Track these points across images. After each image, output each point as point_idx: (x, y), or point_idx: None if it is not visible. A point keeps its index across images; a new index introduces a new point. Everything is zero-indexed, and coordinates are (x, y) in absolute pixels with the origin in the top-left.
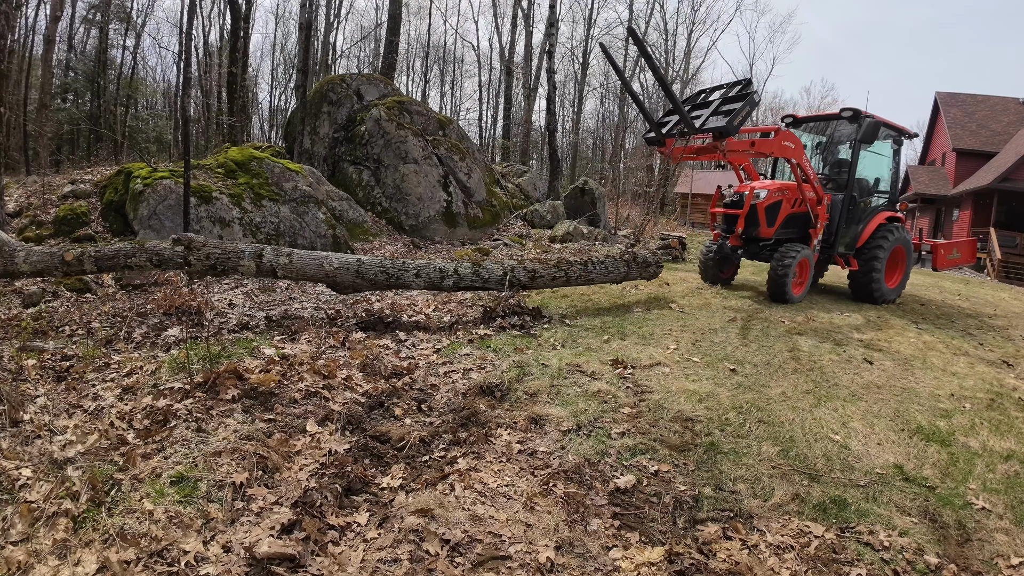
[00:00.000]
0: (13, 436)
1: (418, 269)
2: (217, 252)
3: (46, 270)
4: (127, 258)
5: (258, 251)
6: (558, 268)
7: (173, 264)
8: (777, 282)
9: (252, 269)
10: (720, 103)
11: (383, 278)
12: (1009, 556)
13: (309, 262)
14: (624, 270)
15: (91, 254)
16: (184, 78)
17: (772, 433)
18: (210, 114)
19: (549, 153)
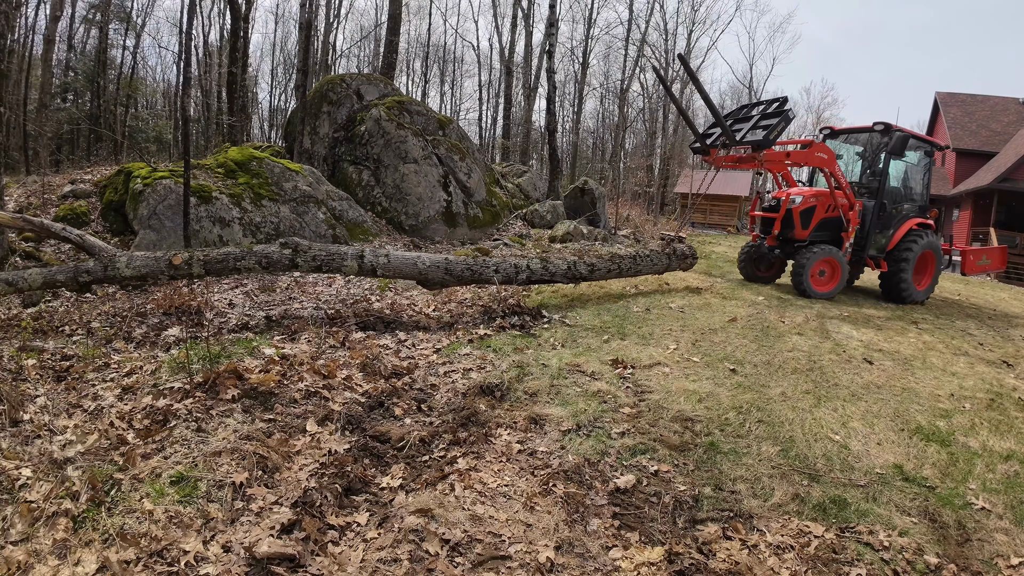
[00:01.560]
0: (13, 436)
1: (496, 265)
2: (322, 254)
3: (150, 275)
4: (236, 261)
5: (359, 252)
6: (611, 262)
7: (281, 266)
8: (796, 277)
9: (354, 269)
10: (759, 118)
11: (468, 274)
12: (1009, 556)
13: (404, 261)
14: (666, 262)
15: (200, 257)
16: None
17: (772, 433)
18: (210, 114)
19: (549, 153)
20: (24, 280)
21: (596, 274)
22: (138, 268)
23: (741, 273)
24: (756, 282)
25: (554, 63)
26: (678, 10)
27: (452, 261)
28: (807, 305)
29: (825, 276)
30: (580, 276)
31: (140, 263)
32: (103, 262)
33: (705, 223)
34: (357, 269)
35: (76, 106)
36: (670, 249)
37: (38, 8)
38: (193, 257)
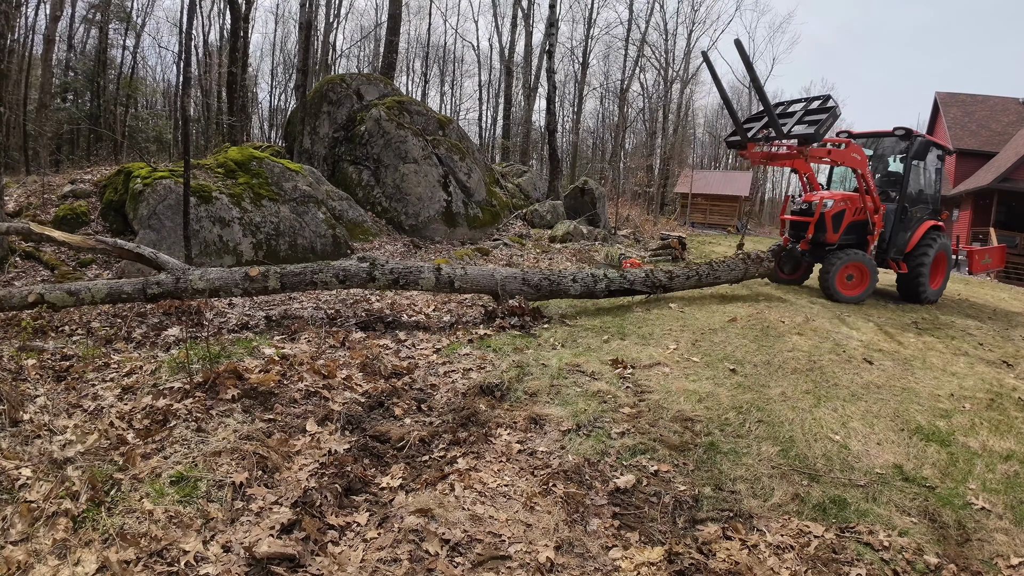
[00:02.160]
0: (13, 436)
1: (574, 276)
2: (400, 268)
3: (223, 288)
4: (313, 275)
5: (436, 267)
6: (689, 269)
7: (358, 280)
8: (824, 281)
9: (432, 283)
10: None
11: (546, 284)
12: (1009, 556)
13: (481, 273)
14: (743, 267)
15: (277, 271)
16: (184, 78)
17: (772, 433)
18: (210, 114)
19: (549, 153)
20: (88, 292)
21: (675, 282)
22: (212, 282)
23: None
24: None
25: (554, 63)
26: (678, 10)
27: (528, 272)
28: (807, 305)
29: (853, 280)
30: (659, 285)
31: (215, 276)
32: (175, 275)
33: (705, 223)
34: (435, 283)
35: (76, 106)
36: (744, 254)
37: (38, 8)
38: (270, 271)
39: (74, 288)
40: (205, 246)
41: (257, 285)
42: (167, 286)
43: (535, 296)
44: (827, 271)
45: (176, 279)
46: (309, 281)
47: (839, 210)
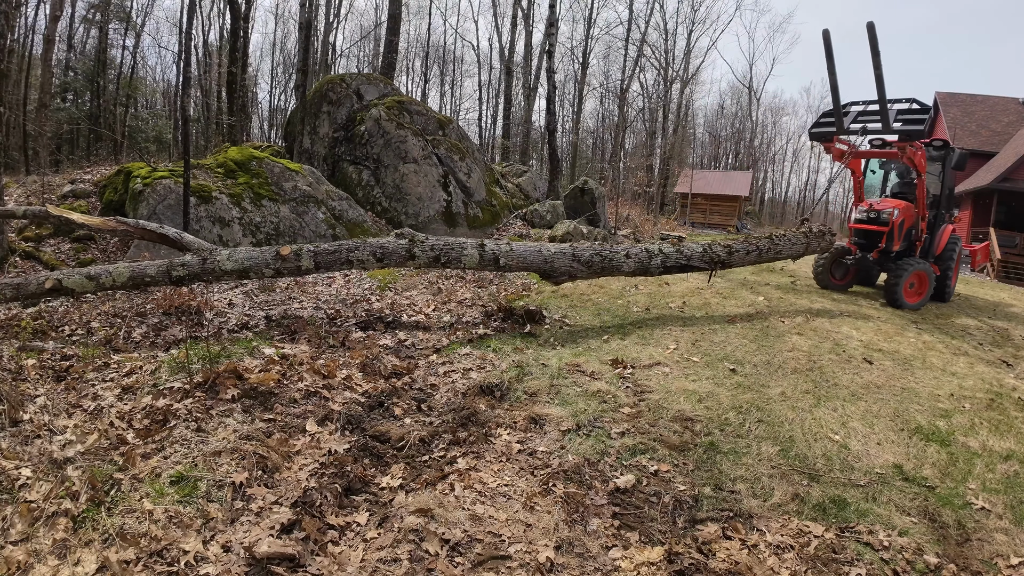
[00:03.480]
0: (13, 436)
1: (627, 252)
2: (441, 244)
3: (253, 268)
4: (349, 252)
5: (480, 242)
6: (748, 243)
7: (396, 258)
8: (891, 290)
9: (475, 259)
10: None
11: (598, 260)
12: (1009, 556)
13: (528, 250)
14: (804, 242)
15: (310, 249)
16: (184, 78)
17: (772, 433)
18: (210, 114)
19: (549, 153)
20: (109, 275)
21: (735, 256)
22: (241, 262)
23: (817, 281)
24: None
25: (554, 63)
26: (678, 10)
27: (579, 248)
28: (807, 305)
29: (914, 288)
30: (718, 260)
31: (243, 256)
32: (201, 255)
33: (705, 223)
34: (478, 260)
35: (76, 106)
36: (806, 228)
37: (38, 8)
38: (303, 250)
39: (94, 272)
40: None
41: (289, 265)
42: (193, 267)
43: (586, 274)
44: (897, 280)
45: (203, 260)
46: (344, 259)
47: (903, 218)
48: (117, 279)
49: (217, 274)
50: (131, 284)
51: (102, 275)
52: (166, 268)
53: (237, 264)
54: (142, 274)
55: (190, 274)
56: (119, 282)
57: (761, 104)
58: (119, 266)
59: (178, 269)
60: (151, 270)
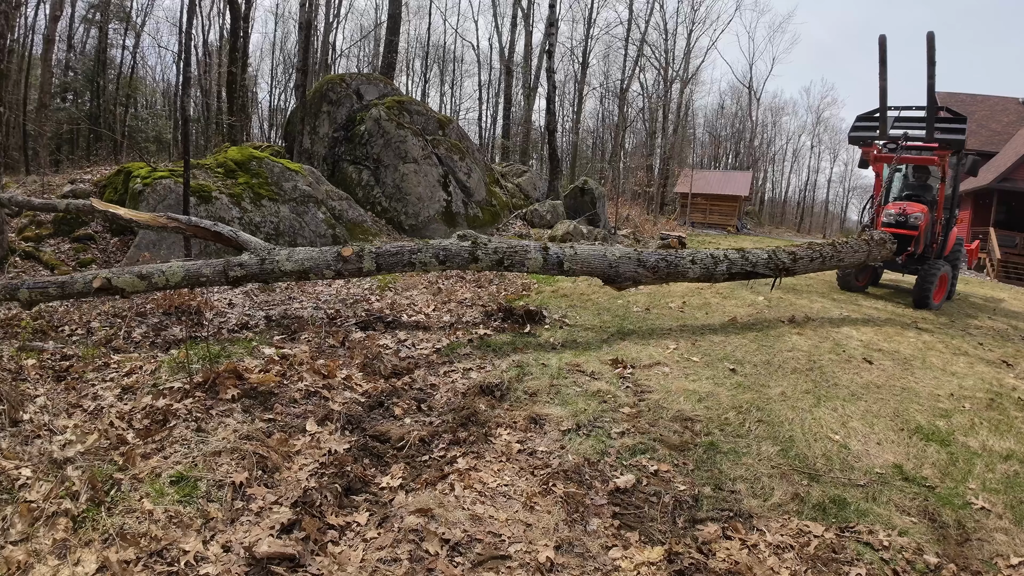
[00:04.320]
0: (13, 436)
1: (693, 257)
2: (504, 247)
3: (313, 269)
4: (411, 255)
5: (543, 246)
6: (812, 250)
7: (459, 261)
8: (922, 291)
9: (539, 263)
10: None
11: (663, 266)
12: (1008, 556)
13: (592, 253)
14: (866, 249)
15: (372, 251)
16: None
17: (772, 433)
18: (210, 114)
19: (549, 153)
20: (162, 274)
21: (799, 264)
22: (300, 262)
23: (841, 284)
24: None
25: (554, 63)
26: (678, 10)
27: (644, 253)
28: (807, 305)
29: (937, 289)
30: (783, 267)
31: (303, 256)
32: (259, 255)
33: (705, 223)
34: (542, 263)
35: (76, 106)
36: (867, 236)
37: (38, 8)
38: (364, 250)
39: (146, 271)
40: (205, 246)
41: (351, 267)
42: (251, 267)
43: (651, 279)
44: (928, 281)
45: (261, 260)
46: (407, 262)
47: (928, 221)
48: (171, 279)
49: (276, 275)
50: (185, 284)
51: (154, 274)
52: (223, 268)
53: (297, 265)
54: (197, 274)
55: (248, 274)
56: (172, 282)
57: (761, 104)
58: (173, 265)
59: (235, 269)
60: (207, 270)
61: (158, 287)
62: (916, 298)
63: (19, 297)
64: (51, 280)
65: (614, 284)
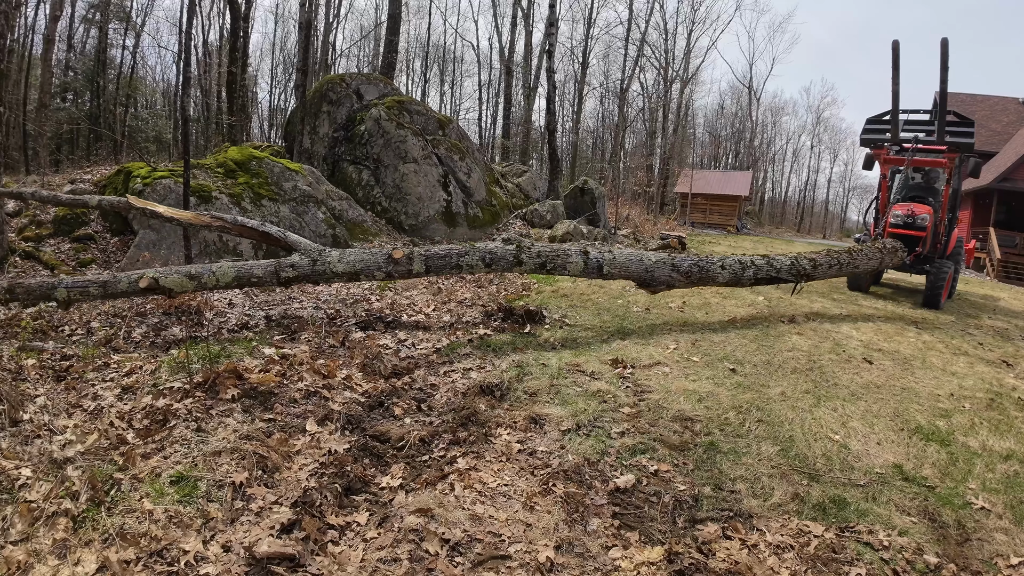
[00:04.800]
0: (13, 436)
1: (722, 263)
2: (547, 251)
3: (364, 271)
4: (459, 258)
5: (583, 249)
6: (831, 257)
7: (504, 264)
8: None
9: (580, 266)
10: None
11: (696, 271)
12: (1008, 556)
13: (629, 258)
14: (879, 256)
15: (421, 254)
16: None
17: (772, 433)
18: (210, 114)
19: (549, 153)
20: (212, 275)
21: (819, 270)
22: (352, 264)
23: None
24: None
25: (554, 63)
26: (678, 10)
27: (678, 259)
28: (807, 305)
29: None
30: (804, 273)
31: (354, 258)
32: (311, 256)
33: (705, 223)
34: (582, 267)
35: (76, 106)
36: (880, 244)
37: (38, 8)
38: (414, 253)
39: (195, 271)
40: (205, 246)
41: (401, 268)
42: (303, 269)
43: (684, 283)
44: (939, 281)
45: (312, 261)
46: (455, 264)
47: (934, 222)
48: (221, 279)
49: (327, 276)
50: (235, 284)
51: (204, 274)
52: (274, 269)
53: (348, 266)
54: (248, 274)
55: (300, 275)
56: (223, 282)
57: (761, 104)
58: (223, 265)
59: (287, 270)
60: (258, 270)
61: (208, 287)
62: (926, 297)
63: (56, 296)
64: (92, 279)
65: (649, 288)
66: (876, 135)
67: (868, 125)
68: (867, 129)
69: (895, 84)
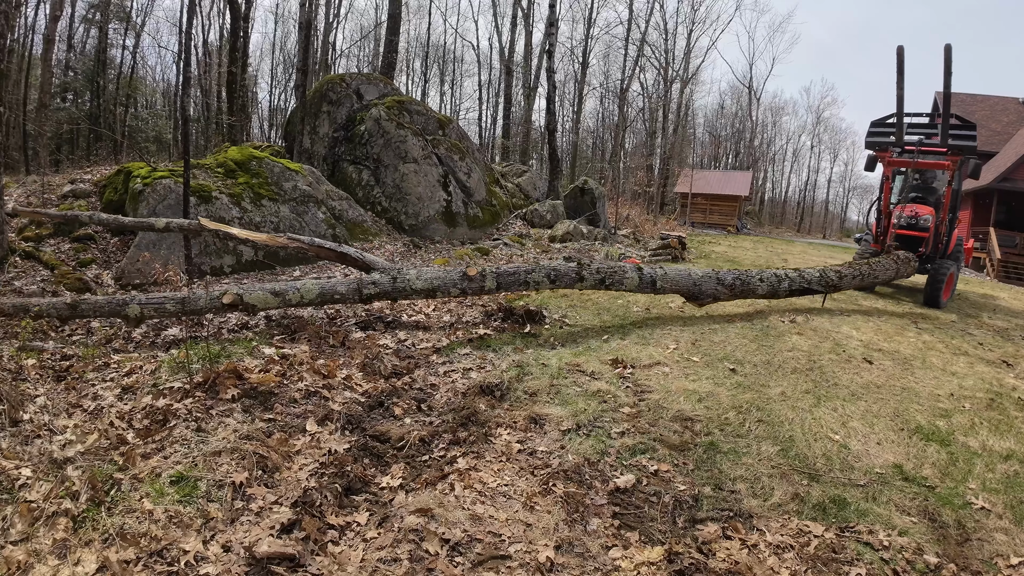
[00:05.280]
0: (13, 436)
1: (761, 276)
2: (605, 268)
3: (440, 288)
4: (527, 275)
5: (638, 267)
6: (854, 269)
7: (567, 280)
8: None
9: (635, 282)
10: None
11: (738, 284)
12: (1008, 556)
13: (679, 274)
14: (895, 267)
15: (493, 272)
16: (184, 77)
17: (772, 433)
18: (210, 114)
19: (549, 153)
20: (297, 292)
21: (844, 280)
22: (429, 281)
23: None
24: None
25: (554, 63)
26: (678, 10)
27: (722, 273)
28: (807, 305)
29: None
30: (832, 284)
31: (431, 276)
32: (391, 274)
33: (705, 223)
34: (637, 282)
35: (76, 106)
36: (894, 256)
37: (38, 8)
38: (487, 272)
39: (279, 288)
40: (205, 246)
41: (475, 285)
42: (384, 286)
43: (728, 296)
44: (939, 281)
45: (393, 279)
46: (523, 281)
47: (935, 223)
48: (305, 296)
49: (407, 293)
50: (319, 301)
51: (289, 291)
52: (356, 286)
53: (426, 283)
54: (332, 292)
55: (380, 292)
56: (307, 299)
57: (761, 104)
58: (307, 283)
59: (369, 288)
60: (341, 288)
61: (292, 304)
62: (928, 296)
63: (128, 313)
64: (169, 296)
65: (697, 301)
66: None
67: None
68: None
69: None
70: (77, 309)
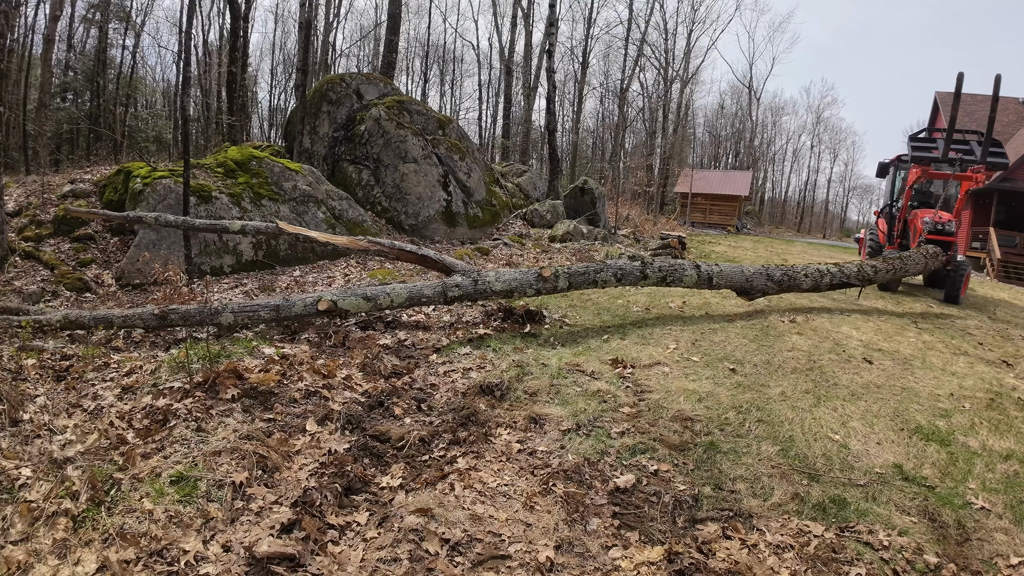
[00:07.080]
0: (13, 436)
1: (806, 271)
2: (667, 266)
3: (517, 288)
4: (595, 274)
5: (696, 264)
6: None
7: (632, 278)
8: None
9: (694, 279)
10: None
11: (786, 280)
12: (1008, 556)
13: (732, 270)
14: (924, 261)
15: (565, 272)
16: (184, 77)
17: (771, 433)
18: (210, 113)
19: (549, 153)
20: (387, 296)
21: (879, 274)
22: (508, 283)
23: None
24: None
25: (554, 63)
26: (678, 9)
27: (771, 269)
28: (807, 304)
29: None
30: (868, 277)
31: (509, 277)
32: (472, 276)
33: (705, 223)
34: (696, 279)
35: (76, 106)
36: (924, 251)
37: (38, 8)
38: (559, 272)
39: (371, 293)
40: (205, 246)
41: (548, 285)
42: (466, 288)
43: (775, 290)
44: (960, 280)
45: (474, 281)
46: (592, 280)
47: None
48: (395, 299)
49: (487, 294)
50: (408, 304)
51: (380, 296)
52: (441, 289)
53: (505, 285)
54: (419, 295)
55: (463, 295)
56: (397, 303)
57: (761, 104)
58: (396, 286)
59: (453, 290)
60: (428, 291)
61: (383, 307)
62: (948, 294)
63: (221, 322)
64: (262, 303)
65: (747, 296)
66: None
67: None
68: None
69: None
70: (166, 319)
